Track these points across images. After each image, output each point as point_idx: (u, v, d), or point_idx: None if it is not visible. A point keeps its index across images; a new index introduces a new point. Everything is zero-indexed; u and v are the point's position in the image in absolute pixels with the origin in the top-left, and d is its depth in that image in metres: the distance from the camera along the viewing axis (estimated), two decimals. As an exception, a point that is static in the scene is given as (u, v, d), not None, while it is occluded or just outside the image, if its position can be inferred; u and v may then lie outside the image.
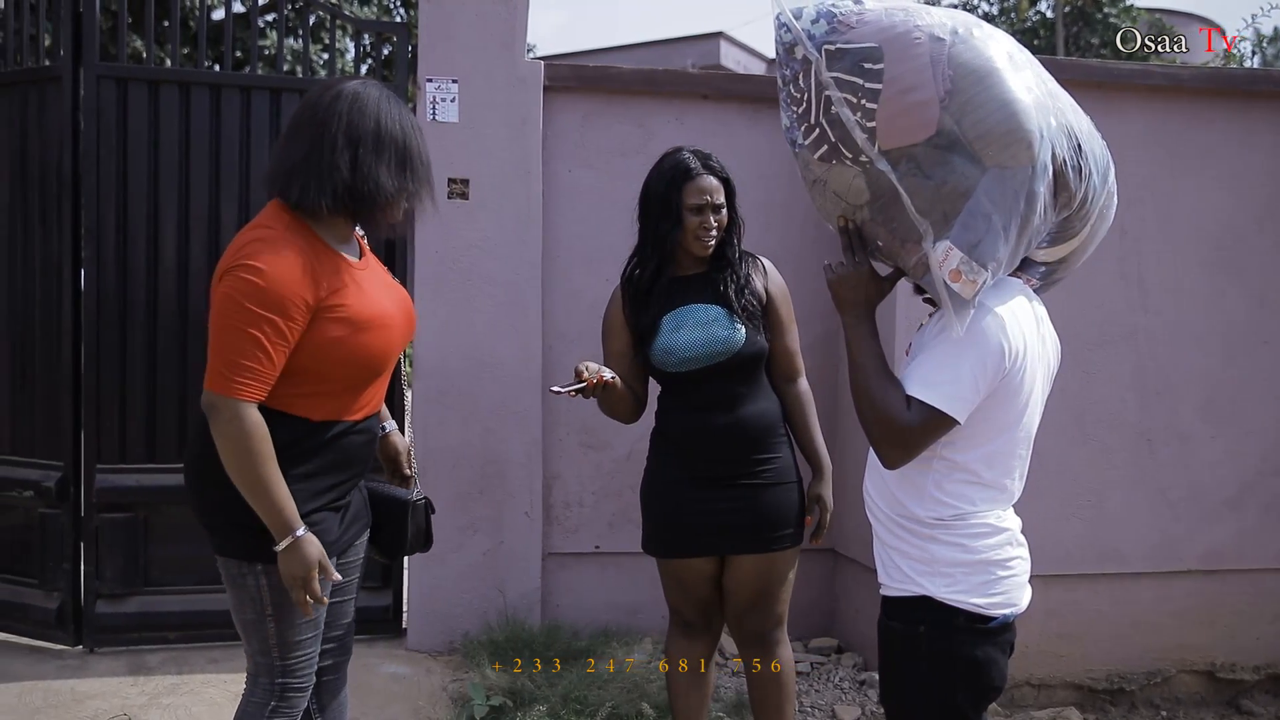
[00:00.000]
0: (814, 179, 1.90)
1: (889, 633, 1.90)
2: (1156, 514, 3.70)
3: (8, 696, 3.38)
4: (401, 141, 2.08)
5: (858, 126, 1.76)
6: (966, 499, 1.82)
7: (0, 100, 3.88)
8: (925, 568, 1.82)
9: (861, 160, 1.78)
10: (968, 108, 1.70)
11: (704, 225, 2.56)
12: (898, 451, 1.78)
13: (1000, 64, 1.73)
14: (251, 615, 2.11)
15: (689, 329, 2.56)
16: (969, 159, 1.71)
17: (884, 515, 1.90)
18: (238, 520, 2.04)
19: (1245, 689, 3.78)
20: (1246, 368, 3.76)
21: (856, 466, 3.77)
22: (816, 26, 1.80)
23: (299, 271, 1.98)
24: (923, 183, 1.74)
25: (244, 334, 1.94)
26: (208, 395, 1.98)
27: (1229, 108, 3.72)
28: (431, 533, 2.46)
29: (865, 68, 1.74)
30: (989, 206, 1.72)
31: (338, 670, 2.35)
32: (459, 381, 3.78)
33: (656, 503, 2.67)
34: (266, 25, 13.02)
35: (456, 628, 3.81)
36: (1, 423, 3.92)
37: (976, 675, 1.82)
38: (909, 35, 1.73)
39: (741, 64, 25.01)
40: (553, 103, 3.87)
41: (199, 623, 3.79)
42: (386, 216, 2.12)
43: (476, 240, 3.78)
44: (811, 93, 1.81)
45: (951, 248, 1.73)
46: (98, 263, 3.72)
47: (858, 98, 1.75)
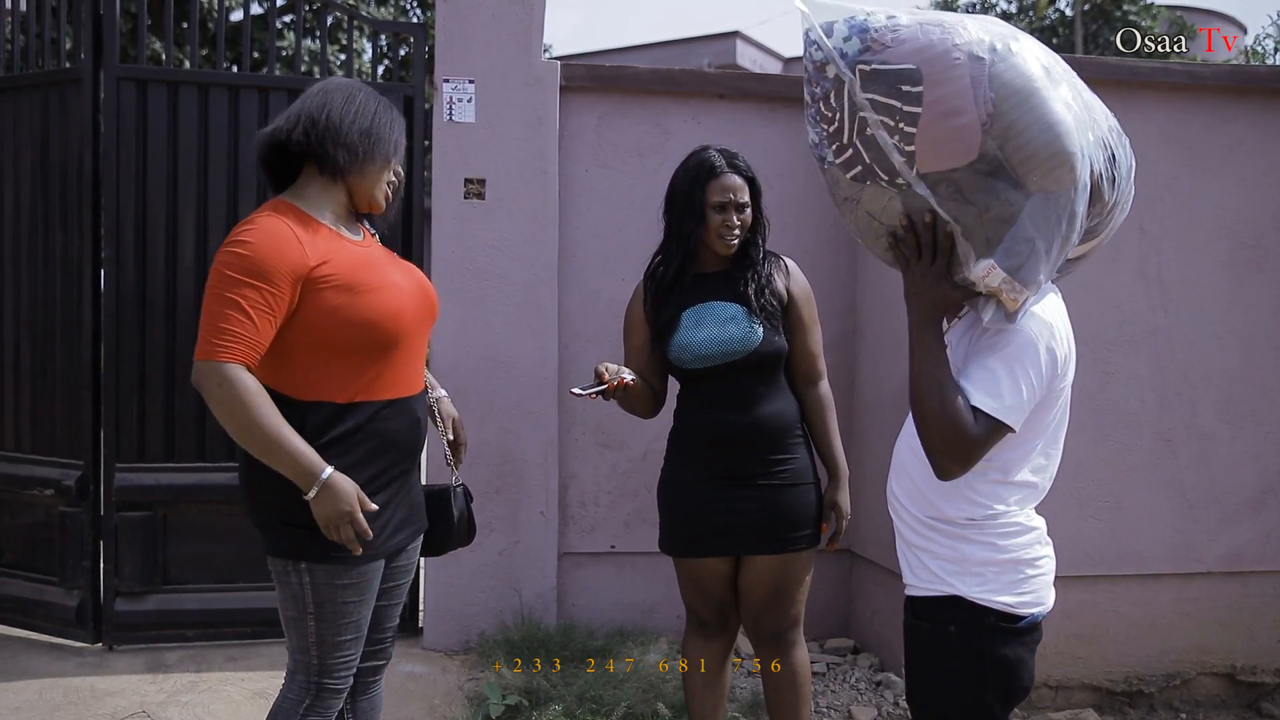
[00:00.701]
0: (845, 197, 1.83)
1: (917, 633, 1.88)
2: (1176, 514, 3.67)
3: (28, 693, 3.41)
4: (373, 106, 2.14)
5: (895, 150, 1.69)
6: (999, 498, 1.81)
7: (22, 102, 3.92)
8: (955, 567, 1.81)
9: (898, 183, 1.72)
10: (1011, 131, 1.64)
11: (727, 223, 2.57)
12: (959, 466, 1.73)
13: (1040, 83, 1.67)
14: (293, 612, 2.11)
15: (707, 326, 2.56)
16: (1012, 184, 1.66)
17: (911, 516, 1.88)
18: (279, 518, 2.06)
19: (1266, 692, 3.74)
20: (1267, 367, 3.72)
21: (873, 468, 3.78)
22: (849, 45, 1.72)
23: (284, 242, 2.00)
24: (965, 208, 1.68)
25: (225, 299, 1.96)
26: (196, 367, 1.97)
27: (1251, 106, 3.68)
28: (474, 522, 2.45)
29: (903, 90, 1.67)
30: (1032, 231, 1.68)
31: (376, 673, 2.35)
32: (475, 381, 3.79)
33: (673, 502, 2.67)
34: (284, 26, 13.10)
35: (472, 627, 3.82)
36: (22, 422, 3.95)
37: (1006, 675, 1.81)
38: (948, 55, 1.66)
39: (758, 63, 25.00)
40: (569, 103, 3.87)
41: (217, 621, 3.82)
42: (350, 165, 2.11)
43: (493, 240, 3.78)
44: (844, 112, 1.74)
45: (994, 266, 1.69)
46: (117, 263, 3.75)
47: (895, 120, 1.68)
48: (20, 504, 3.93)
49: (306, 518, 2.01)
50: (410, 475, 2.23)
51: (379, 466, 2.11)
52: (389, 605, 2.30)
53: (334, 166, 2.10)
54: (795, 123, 4.01)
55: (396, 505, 2.18)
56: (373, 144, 2.12)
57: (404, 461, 2.18)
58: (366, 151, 2.11)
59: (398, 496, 2.17)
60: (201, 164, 3.80)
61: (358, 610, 2.12)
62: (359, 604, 2.12)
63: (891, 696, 3.53)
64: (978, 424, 1.70)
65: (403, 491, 2.19)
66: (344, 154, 2.09)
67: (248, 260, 1.97)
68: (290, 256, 2.00)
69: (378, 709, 2.39)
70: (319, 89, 2.15)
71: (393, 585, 2.28)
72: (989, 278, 1.69)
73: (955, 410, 1.70)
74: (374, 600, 2.18)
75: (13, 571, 3.97)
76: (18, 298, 3.94)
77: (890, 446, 2.51)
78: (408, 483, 2.22)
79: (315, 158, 2.10)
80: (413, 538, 2.27)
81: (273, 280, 1.97)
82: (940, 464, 1.74)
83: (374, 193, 2.16)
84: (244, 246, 1.98)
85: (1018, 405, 1.72)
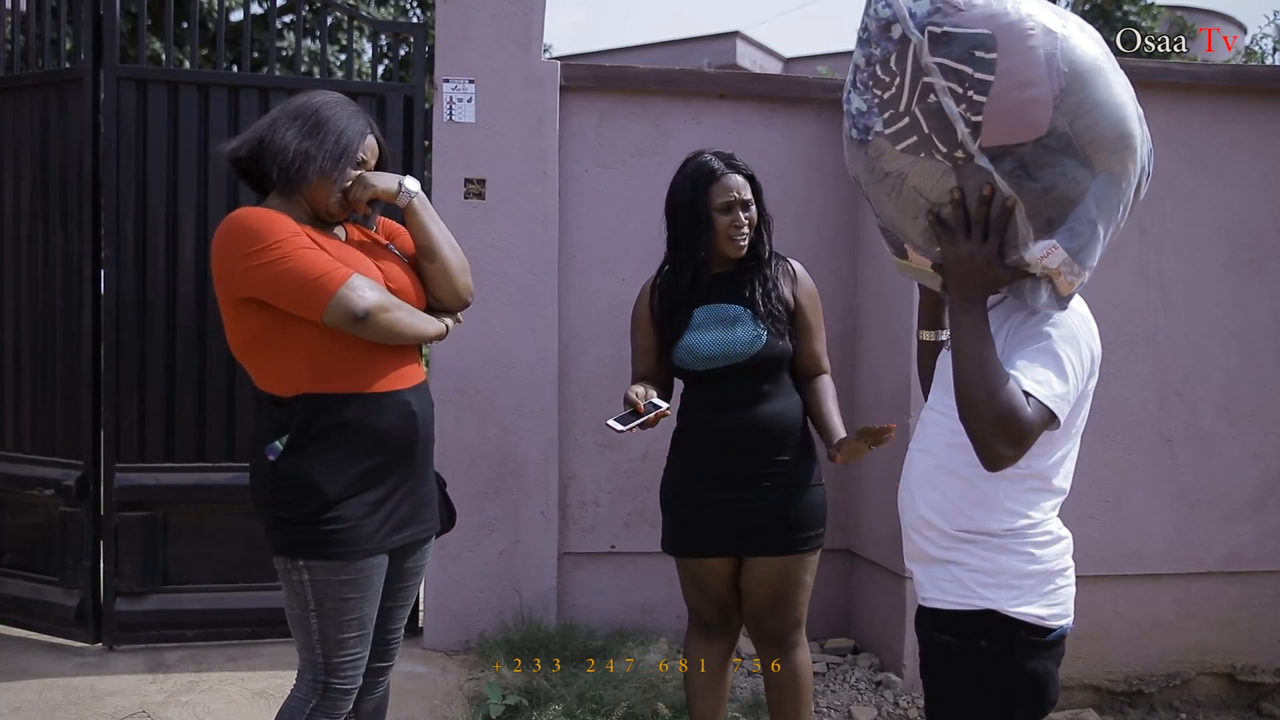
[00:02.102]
0: (887, 172, 1.71)
1: (942, 648, 1.81)
2: (1176, 515, 3.67)
3: (28, 693, 3.41)
4: (319, 112, 2.17)
5: (961, 119, 1.60)
6: (1036, 506, 1.77)
7: (22, 102, 3.91)
8: (991, 580, 1.75)
9: (956, 156, 1.63)
10: (1081, 109, 1.59)
11: (735, 224, 2.56)
12: (1014, 450, 1.64)
13: (1105, 62, 1.63)
14: (297, 610, 2.12)
15: (712, 328, 2.57)
16: (1080, 163, 1.60)
17: (938, 532, 1.81)
18: (280, 516, 2.08)
19: (1266, 692, 3.74)
20: (1268, 367, 3.73)
21: (872, 469, 3.78)
22: (918, 4, 1.62)
23: (279, 217, 2.09)
24: (1028, 185, 1.61)
25: (289, 256, 2.03)
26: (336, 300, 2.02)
27: (1251, 106, 3.68)
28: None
29: (976, 56, 1.58)
30: (1095, 213, 1.63)
31: (381, 674, 2.34)
32: (476, 381, 3.79)
33: (676, 502, 2.68)
34: (284, 27, 13.09)
35: (473, 627, 3.82)
36: (22, 422, 3.95)
37: (1035, 690, 1.77)
38: (1023, 24, 1.59)
39: (758, 63, 25.00)
40: (569, 103, 3.87)
41: (217, 621, 3.82)
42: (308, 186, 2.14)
43: (493, 240, 3.78)
44: (905, 77, 1.63)
45: (1056, 247, 1.63)
46: (117, 263, 3.75)
47: (964, 88, 1.59)
48: (20, 504, 3.93)
49: (306, 514, 2.02)
50: (413, 472, 2.20)
51: (373, 461, 2.10)
52: (397, 606, 2.30)
53: (279, 183, 2.15)
54: (795, 123, 4.01)
55: (398, 502, 2.17)
56: (305, 162, 2.13)
57: (401, 456, 2.16)
58: (299, 170, 2.13)
59: (397, 492, 2.16)
60: (201, 164, 3.80)
61: (359, 607, 2.12)
62: (360, 601, 2.12)
63: (891, 696, 3.54)
64: (1031, 408, 1.64)
65: (404, 488, 2.18)
66: (278, 172, 2.13)
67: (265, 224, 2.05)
68: (290, 224, 2.08)
69: (382, 711, 2.38)
70: (280, 109, 2.21)
71: (400, 586, 2.28)
72: (1048, 258, 1.64)
73: (1010, 392, 1.62)
74: (378, 599, 2.17)
75: (13, 571, 3.96)
76: (18, 298, 3.93)
77: (890, 447, 2.51)
78: (410, 479, 2.20)
79: (264, 174, 2.17)
80: (419, 536, 2.26)
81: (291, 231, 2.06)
82: (993, 450, 1.64)
83: (327, 203, 2.17)
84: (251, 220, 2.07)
85: (1065, 395, 1.68)
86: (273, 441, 2.08)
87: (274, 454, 2.07)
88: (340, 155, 2.15)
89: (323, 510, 2.05)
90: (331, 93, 2.24)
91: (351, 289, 2.02)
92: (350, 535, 2.07)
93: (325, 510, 2.05)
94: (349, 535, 2.07)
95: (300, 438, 2.04)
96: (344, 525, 2.06)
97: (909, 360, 3.52)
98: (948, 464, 1.78)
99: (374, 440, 2.11)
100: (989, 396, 1.62)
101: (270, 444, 2.08)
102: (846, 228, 4.05)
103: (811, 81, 4.27)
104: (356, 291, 2.03)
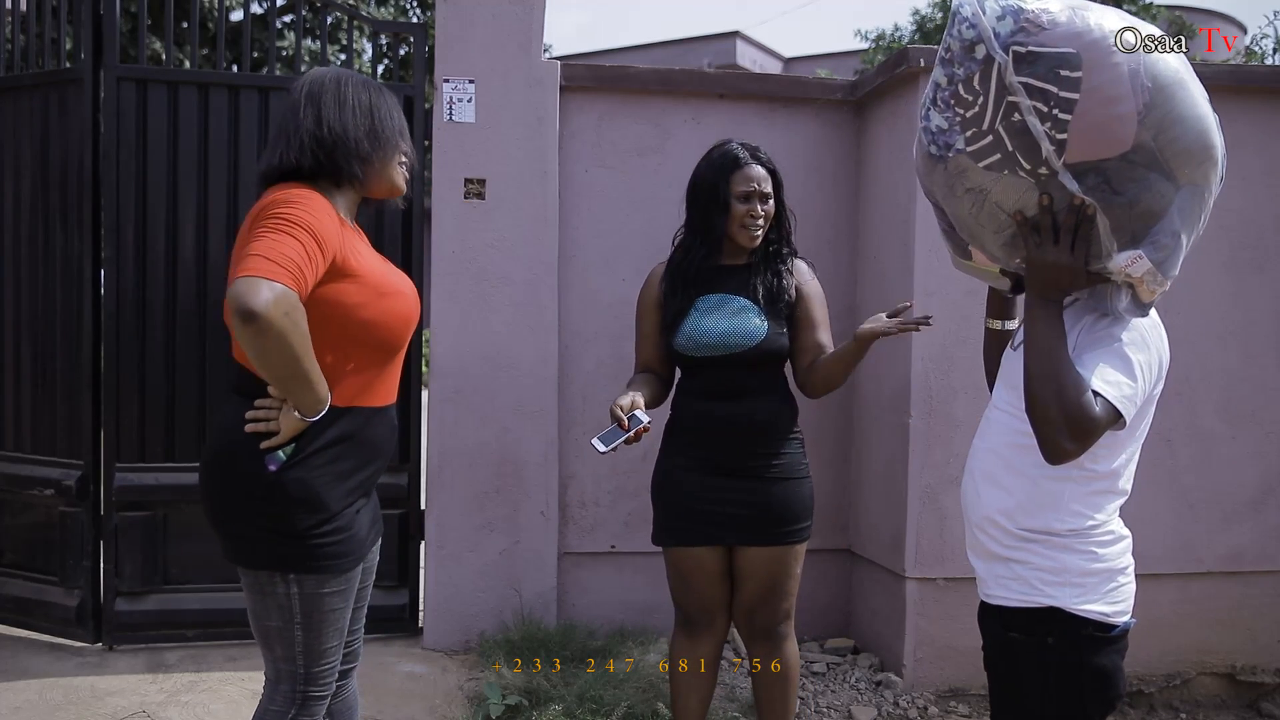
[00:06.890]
0: (968, 188, 1.73)
1: (1009, 645, 1.85)
2: (1176, 515, 3.68)
3: (28, 693, 3.41)
4: (366, 99, 2.07)
5: (1045, 137, 1.61)
6: (1101, 508, 1.81)
7: (22, 102, 3.91)
8: (1055, 578, 1.79)
9: (1040, 173, 1.64)
10: (1165, 122, 1.60)
11: (751, 213, 2.62)
12: (1078, 445, 1.67)
13: (1186, 74, 1.64)
14: (278, 623, 2.04)
15: (715, 316, 2.61)
16: (1164, 176, 1.62)
17: (1001, 530, 1.84)
18: (266, 527, 1.98)
19: (1266, 692, 3.74)
20: (1268, 367, 3.73)
21: (872, 468, 3.78)
22: (1002, 24, 1.63)
23: (328, 214, 1.95)
24: (1113, 199, 1.62)
25: (280, 233, 1.84)
26: (241, 285, 1.74)
27: (1251, 105, 3.68)
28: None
29: (1061, 75, 1.59)
30: (1179, 224, 1.65)
31: (348, 675, 2.31)
32: (475, 381, 3.79)
33: (665, 490, 2.71)
34: (284, 26, 13.10)
35: (473, 627, 3.82)
36: (22, 422, 3.95)
37: (1103, 685, 1.80)
38: (1106, 41, 1.60)
39: (758, 63, 25.00)
40: (569, 103, 3.88)
41: (217, 621, 3.82)
42: (367, 171, 2.07)
43: (493, 240, 3.79)
44: (989, 97, 1.65)
45: (1141, 256, 1.65)
46: (117, 263, 3.75)
47: (1049, 106, 1.60)
48: (20, 504, 3.93)
49: (306, 527, 1.97)
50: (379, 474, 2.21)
51: (366, 473, 2.10)
52: (360, 607, 2.28)
53: (352, 178, 2.06)
54: (795, 123, 4.01)
55: (372, 507, 2.19)
56: (381, 141, 2.07)
57: (383, 468, 2.18)
58: (379, 152, 2.07)
59: (370, 497, 2.18)
60: (201, 164, 3.80)
61: (342, 616, 2.10)
62: (345, 609, 2.10)
63: (891, 696, 3.54)
64: (1099, 405, 1.67)
65: (372, 493, 2.21)
66: (359, 164, 2.05)
67: (299, 214, 1.88)
68: (331, 228, 1.93)
69: (353, 708, 2.36)
70: (305, 97, 2.04)
71: (363, 586, 2.26)
72: (1132, 268, 1.66)
73: (1079, 388, 1.65)
74: (353, 604, 2.17)
75: (13, 571, 3.96)
76: (18, 298, 3.93)
77: (890, 446, 2.52)
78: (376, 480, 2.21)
79: (330, 176, 2.04)
80: (378, 537, 2.27)
81: (321, 240, 1.89)
82: (1056, 444, 1.67)
83: (394, 180, 2.13)
84: (295, 205, 1.89)
85: (1133, 397, 1.70)
86: (275, 451, 1.97)
87: (276, 464, 1.96)
88: (401, 122, 2.12)
89: (324, 523, 1.99)
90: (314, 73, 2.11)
91: (271, 287, 1.75)
92: (345, 547, 2.04)
93: (326, 523, 2.00)
94: (344, 547, 2.03)
95: (309, 448, 1.97)
96: (341, 537, 2.02)
97: (909, 360, 3.52)
98: (1013, 463, 1.81)
99: (370, 453, 2.09)
100: (1059, 391, 1.65)
101: (272, 454, 1.97)
102: (846, 228, 4.05)
103: (811, 82, 4.27)
104: (271, 293, 1.75)
